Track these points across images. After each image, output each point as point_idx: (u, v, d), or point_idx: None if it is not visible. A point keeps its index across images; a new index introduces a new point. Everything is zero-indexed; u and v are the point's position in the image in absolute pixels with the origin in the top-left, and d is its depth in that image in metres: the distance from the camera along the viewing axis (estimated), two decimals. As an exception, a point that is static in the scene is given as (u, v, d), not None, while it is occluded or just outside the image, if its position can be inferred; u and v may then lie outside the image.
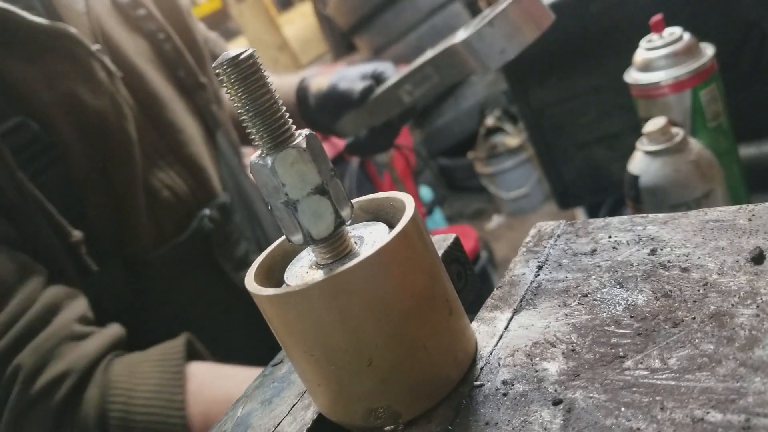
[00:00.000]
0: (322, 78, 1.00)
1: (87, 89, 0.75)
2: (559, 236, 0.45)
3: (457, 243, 0.48)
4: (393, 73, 0.92)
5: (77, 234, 0.72)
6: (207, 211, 0.88)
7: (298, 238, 0.34)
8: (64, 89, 0.73)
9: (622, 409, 0.29)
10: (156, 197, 0.82)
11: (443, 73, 0.80)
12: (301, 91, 1.02)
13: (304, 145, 0.32)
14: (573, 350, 0.34)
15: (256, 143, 0.33)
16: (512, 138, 3.26)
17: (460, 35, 0.73)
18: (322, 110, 0.98)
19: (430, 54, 0.81)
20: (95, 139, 0.76)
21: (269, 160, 0.32)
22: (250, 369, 0.71)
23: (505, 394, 0.33)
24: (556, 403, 0.31)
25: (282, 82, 1.07)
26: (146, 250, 0.80)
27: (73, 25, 0.76)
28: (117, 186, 0.77)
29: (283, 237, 0.38)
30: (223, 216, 0.91)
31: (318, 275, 0.32)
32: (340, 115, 0.94)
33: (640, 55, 0.77)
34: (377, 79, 0.93)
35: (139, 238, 0.80)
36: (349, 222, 0.35)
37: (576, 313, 0.37)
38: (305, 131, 0.33)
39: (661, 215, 0.42)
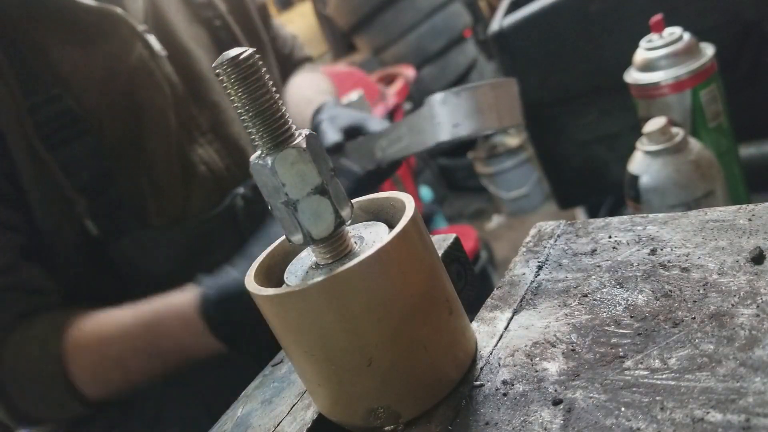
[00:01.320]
0: (327, 109, 1.05)
1: (124, 66, 0.81)
2: (559, 236, 0.45)
3: (457, 243, 0.48)
4: (378, 127, 0.95)
5: (83, 202, 0.77)
6: (241, 190, 0.91)
7: (298, 238, 0.34)
8: (101, 65, 0.79)
9: (622, 409, 0.29)
10: (192, 171, 0.86)
11: (412, 137, 0.81)
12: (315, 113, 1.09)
13: (304, 145, 0.32)
14: (573, 350, 0.34)
15: (256, 143, 0.33)
16: (512, 138, 3.26)
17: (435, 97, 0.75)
18: None
19: (410, 115, 0.84)
20: (126, 112, 0.81)
21: (269, 160, 0.32)
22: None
23: (505, 394, 0.33)
24: (556, 403, 0.31)
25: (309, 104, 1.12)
26: (173, 221, 0.84)
27: (125, 6, 0.82)
28: (149, 157, 0.82)
29: (283, 237, 0.38)
30: (256, 195, 0.94)
31: (318, 275, 0.32)
32: None
33: (640, 55, 0.77)
34: (358, 132, 0.97)
35: (167, 209, 0.84)
36: (349, 222, 0.35)
37: (576, 313, 0.37)
38: (305, 131, 0.33)
39: (661, 215, 0.42)
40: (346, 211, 0.34)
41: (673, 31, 0.76)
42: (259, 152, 0.33)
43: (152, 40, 0.83)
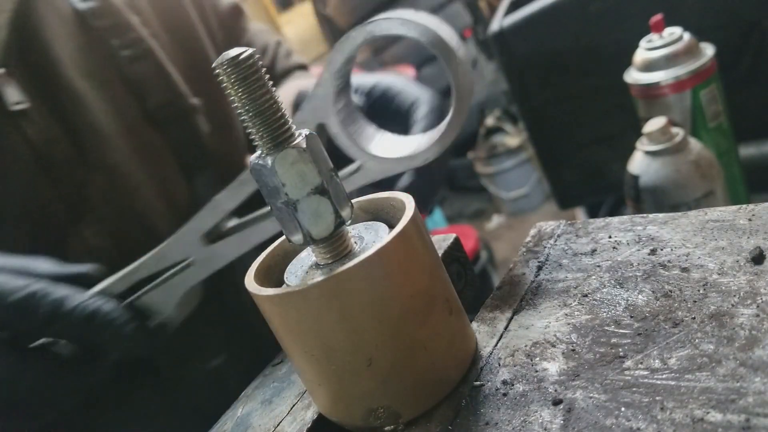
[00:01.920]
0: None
1: None
2: (559, 236, 0.45)
3: (457, 243, 0.48)
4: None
5: None
6: None
7: (298, 238, 0.34)
8: None
9: (622, 409, 0.29)
10: (68, 261, 0.54)
11: None
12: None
13: (304, 145, 0.32)
14: (573, 350, 0.34)
15: (256, 143, 0.33)
16: (512, 138, 3.26)
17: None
18: None
19: None
20: None
21: (269, 160, 0.32)
22: None
23: (505, 394, 0.33)
24: (556, 403, 0.31)
25: None
26: None
27: None
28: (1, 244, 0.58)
29: (283, 237, 0.38)
30: None
31: (318, 275, 0.32)
32: None
33: (640, 55, 0.77)
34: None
35: None
36: (349, 222, 0.35)
37: (576, 313, 0.37)
38: (305, 131, 0.33)
39: (661, 215, 0.42)
40: (346, 211, 0.34)
41: (673, 31, 0.76)
42: (259, 152, 0.33)
43: (9, 90, 0.61)
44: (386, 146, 0.47)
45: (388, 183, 0.57)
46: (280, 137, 0.32)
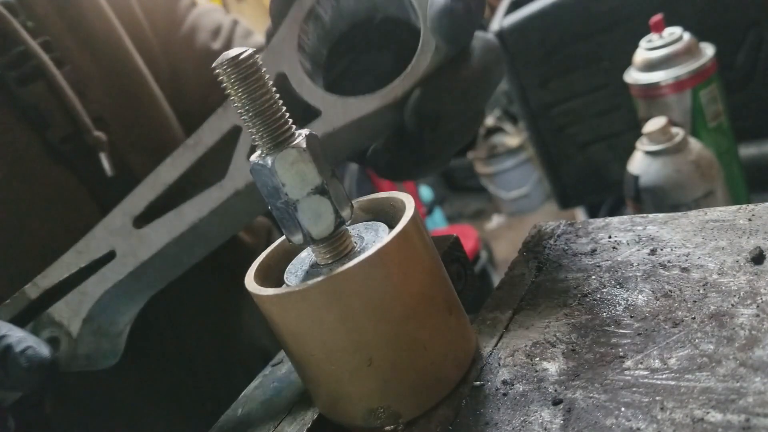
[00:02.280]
0: None
1: None
2: (559, 236, 0.45)
3: (457, 243, 0.48)
4: None
5: None
6: None
7: (298, 238, 0.34)
8: None
9: (622, 409, 0.29)
10: None
11: None
12: None
13: (304, 145, 0.32)
14: (573, 350, 0.34)
15: (256, 143, 0.33)
16: (512, 138, 3.26)
17: None
18: None
19: None
20: None
21: (269, 160, 0.32)
22: None
23: (505, 394, 0.33)
24: (556, 403, 0.31)
25: None
26: None
27: None
28: None
29: (283, 237, 0.38)
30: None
31: (318, 275, 0.32)
32: None
33: (640, 55, 0.77)
34: None
35: None
36: (349, 222, 0.35)
37: (576, 313, 0.37)
38: (305, 131, 0.33)
39: (661, 215, 0.42)
40: (346, 211, 0.34)
41: (673, 31, 0.76)
42: (259, 152, 0.33)
43: None
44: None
45: None
46: (280, 137, 0.32)
